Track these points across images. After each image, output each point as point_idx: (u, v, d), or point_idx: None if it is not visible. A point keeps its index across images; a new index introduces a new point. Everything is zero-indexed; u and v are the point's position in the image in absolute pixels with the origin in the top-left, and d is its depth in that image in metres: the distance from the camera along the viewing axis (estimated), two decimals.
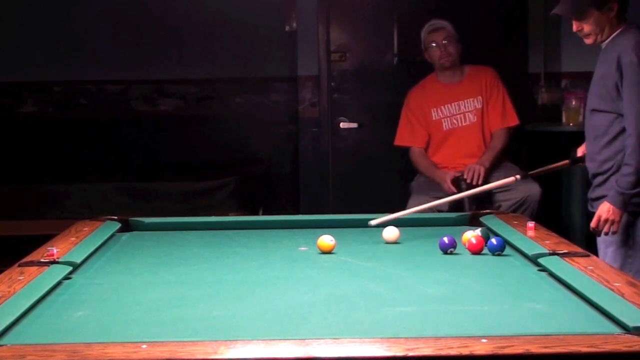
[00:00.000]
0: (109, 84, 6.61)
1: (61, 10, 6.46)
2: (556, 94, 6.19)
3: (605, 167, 3.77)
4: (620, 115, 3.69)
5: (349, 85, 6.49)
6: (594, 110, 3.81)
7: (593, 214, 3.77)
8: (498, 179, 5.07)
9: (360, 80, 6.47)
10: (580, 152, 4.05)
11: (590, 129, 3.87)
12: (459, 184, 5.10)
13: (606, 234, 3.72)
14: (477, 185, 4.97)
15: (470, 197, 4.97)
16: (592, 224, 3.75)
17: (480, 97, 5.29)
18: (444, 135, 5.32)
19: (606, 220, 3.69)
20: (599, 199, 3.78)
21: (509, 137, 5.30)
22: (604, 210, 3.70)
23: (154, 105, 6.63)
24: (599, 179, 3.81)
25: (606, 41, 3.78)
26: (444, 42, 5.25)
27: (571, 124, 5.95)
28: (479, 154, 5.22)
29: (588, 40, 3.81)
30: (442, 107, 5.31)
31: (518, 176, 4.04)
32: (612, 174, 3.74)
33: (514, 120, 5.29)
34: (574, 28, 3.80)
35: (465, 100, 5.29)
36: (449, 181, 5.13)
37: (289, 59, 6.45)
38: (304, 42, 6.40)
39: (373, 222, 3.49)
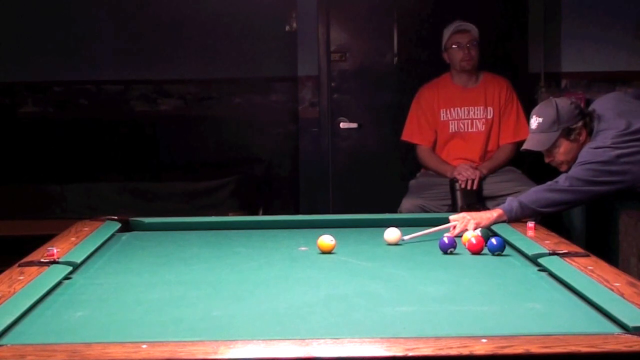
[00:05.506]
0: (109, 84, 6.61)
1: (61, 10, 6.46)
2: (556, 94, 6.19)
3: None
4: None
5: (349, 85, 6.49)
6: None
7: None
8: (499, 183, 5.09)
9: (360, 80, 6.46)
10: None
11: None
12: (452, 185, 5.09)
13: None
14: (471, 190, 4.98)
15: (462, 203, 4.97)
16: None
17: (491, 108, 5.25)
18: (449, 137, 5.29)
19: None
20: None
21: (515, 151, 5.29)
22: None
23: (154, 105, 6.62)
24: None
25: None
26: (467, 45, 5.21)
27: None
28: (478, 163, 5.21)
29: (562, 168, 3.79)
30: (452, 109, 5.27)
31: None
32: None
33: (526, 134, 5.27)
34: (546, 160, 3.79)
35: (476, 107, 5.26)
36: (457, 170, 5.11)
37: (289, 59, 6.44)
38: (304, 42, 6.40)
39: (406, 238, 3.42)
